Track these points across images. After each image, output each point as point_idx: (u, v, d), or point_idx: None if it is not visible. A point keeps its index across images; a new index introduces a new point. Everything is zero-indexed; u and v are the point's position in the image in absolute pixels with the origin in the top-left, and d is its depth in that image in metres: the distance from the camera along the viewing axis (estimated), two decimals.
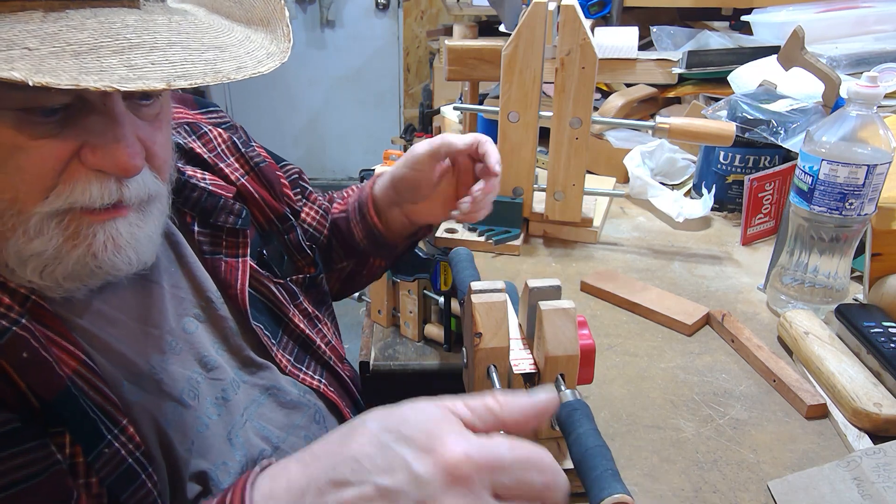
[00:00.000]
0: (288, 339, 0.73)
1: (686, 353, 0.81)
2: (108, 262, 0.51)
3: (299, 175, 0.86)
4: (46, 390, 0.49)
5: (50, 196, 0.48)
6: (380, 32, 4.04)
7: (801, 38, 1.07)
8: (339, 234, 0.88)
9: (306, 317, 0.76)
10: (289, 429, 0.68)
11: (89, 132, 0.48)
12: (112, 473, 0.52)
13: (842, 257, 0.83)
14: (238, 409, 0.64)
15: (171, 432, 0.58)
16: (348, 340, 2.14)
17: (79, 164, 0.48)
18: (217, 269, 0.67)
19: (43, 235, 0.49)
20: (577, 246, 1.07)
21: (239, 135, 0.77)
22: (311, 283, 0.79)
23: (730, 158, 1.12)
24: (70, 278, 0.51)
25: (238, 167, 0.74)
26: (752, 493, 0.60)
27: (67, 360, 0.51)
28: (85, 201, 0.49)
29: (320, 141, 4.32)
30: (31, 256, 0.49)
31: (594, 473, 0.46)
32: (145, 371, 0.58)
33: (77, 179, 0.48)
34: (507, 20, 1.74)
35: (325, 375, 0.75)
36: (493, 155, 0.77)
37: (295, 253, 0.78)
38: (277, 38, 0.54)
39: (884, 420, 0.65)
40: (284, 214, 0.77)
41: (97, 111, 0.48)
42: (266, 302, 0.71)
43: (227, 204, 0.68)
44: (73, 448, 0.50)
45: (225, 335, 0.66)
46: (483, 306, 0.56)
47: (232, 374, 0.65)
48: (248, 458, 0.63)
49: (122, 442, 0.53)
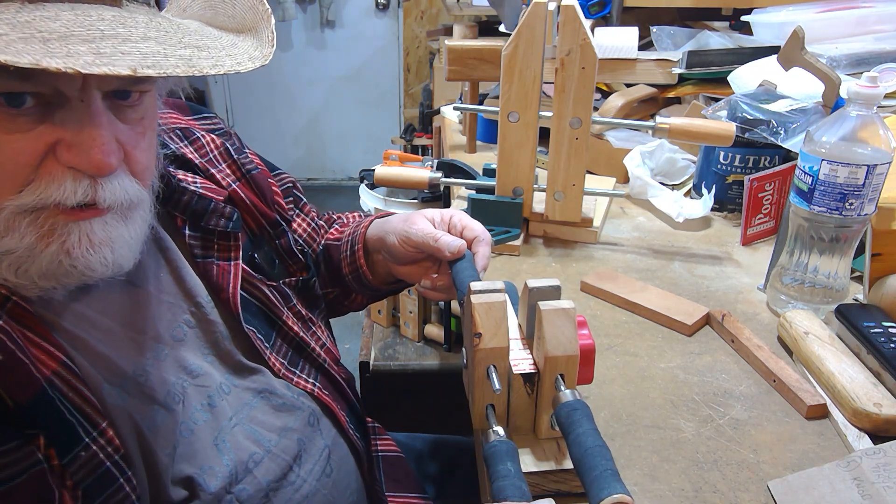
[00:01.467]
0: (282, 343, 0.72)
1: (686, 353, 0.81)
2: (83, 261, 0.50)
3: (293, 185, 0.86)
4: (21, 393, 0.49)
5: (24, 191, 0.47)
6: (380, 32, 4.04)
7: (801, 38, 1.07)
8: (330, 262, 0.88)
9: (300, 319, 0.75)
10: (282, 431, 0.67)
11: (65, 129, 0.47)
12: (89, 476, 0.51)
13: (842, 257, 0.83)
14: (226, 414, 0.64)
15: (152, 437, 0.57)
16: (348, 340, 2.15)
17: (54, 161, 0.48)
18: (209, 273, 0.67)
19: (14, 232, 0.48)
20: (577, 246, 1.07)
21: (232, 141, 0.77)
22: (304, 285, 0.79)
23: (730, 158, 1.12)
24: (45, 277, 0.51)
25: (230, 173, 0.74)
26: (752, 493, 0.60)
27: (47, 360, 0.51)
28: (59, 197, 0.48)
29: (320, 141, 4.32)
30: (3, 253, 0.49)
31: (594, 473, 0.46)
32: (129, 375, 0.58)
33: (52, 175, 0.48)
34: (507, 20, 1.75)
35: (319, 378, 0.75)
36: (482, 261, 0.73)
37: (286, 258, 0.78)
38: (262, 44, 0.54)
39: (884, 420, 0.65)
40: (275, 221, 0.77)
41: (74, 108, 0.47)
42: (259, 305, 0.71)
43: (217, 207, 0.68)
44: (48, 451, 0.50)
45: (215, 340, 0.66)
46: (482, 306, 0.56)
47: (220, 379, 0.65)
48: (237, 463, 0.63)
49: (101, 445, 0.52)
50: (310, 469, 0.68)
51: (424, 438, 1.05)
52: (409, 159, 1.70)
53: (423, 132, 3.39)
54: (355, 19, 4.00)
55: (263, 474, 0.64)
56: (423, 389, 1.58)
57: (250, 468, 0.63)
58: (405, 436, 1.04)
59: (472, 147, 1.52)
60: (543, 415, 0.58)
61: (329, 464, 0.70)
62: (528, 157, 1.02)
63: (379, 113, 4.26)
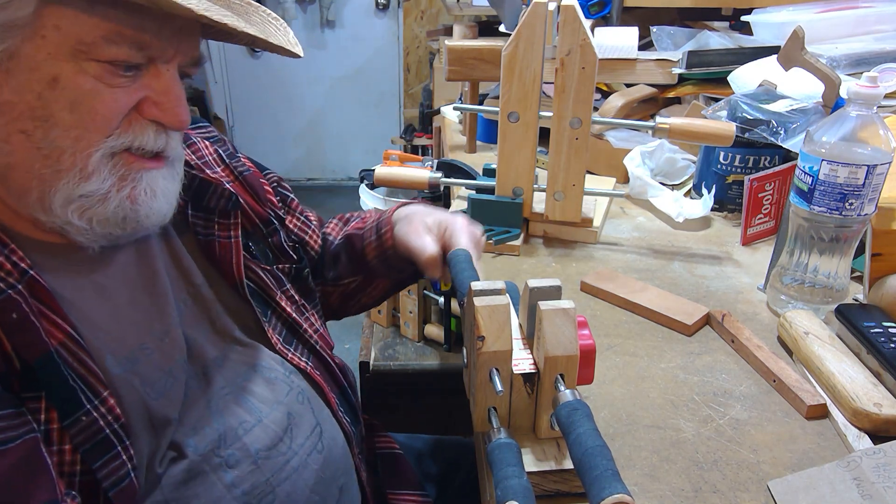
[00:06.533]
0: (276, 321, 0.75)
1: (686, 354, 0.81)
2: (144, 208, 0.58)
3: (278, 182, 0.90)
4: (30, 352, 0.52)
5: (112, 135, 0.55)
6: (380, 32, 4.04)
7: (801, 38, 1.07)
8: (352, 250, 0.91)
9: (293, 303, 0.79)
10: (273, 404, 0.69)
11: (152, 89, 0.57)
12: (87, 442, 0.54)
13: (842, 257, 0.83)
14: (219, 382, 0.67)
15: (154, 407, 0.60)
16: (348, 340, 2.15)
17: (137, 115, 0.57)
18: (211, 249, 0.71)
19: (98, 175, 0.55)
20: (577, 246, 1.07)
21: (225, 147, 0.81)
22: (297, 274, 0.82)
23: (730, 158, 1.12)
24: (103, 223, 0.57)
25: (224, 175, 0.78)
26: (752, 493, 0.60)
27: (55, 332, 0.54)
28: (141, 143, 0.57)
29: (320, 141, 4.32)
30: (79, 197, 0.55)
31: (594, 473, 0.46)
32: (133, 348, 0.61)
33: (137, 125, 0.57)
34: (507, 20, 1.75)
35: (311, 359, 0.77)
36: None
37: (278, 254, 0.81)
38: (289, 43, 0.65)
39: (884, 420, 0.65)
40: (268, 219, 0.80)
41: (161, 75, 0.57)
42: (254, 286, 0.74)
43: (217, 188, 0.72)
44: (49, 413, 0.53)
45: (211, 317, 0.70)
46: (486, 310, 0.56)
47: (216, 353, 0.68)
48: (227, 427, 0.65)
49: (102, 413, 0.55)
50: (301, 443, 0.70)
51: (425, 439, 1.05)
52: (409, 159, 1.70)
53: (423, 132, 3.39)
54: (355, 19, 4.00)
55: (253, 441, 0.66)
56: (423, 389, 1.58)
57: (240, 435, 0.66)
58: (405, 436, 1.04)
59: (472, 147, 1.52)
60: (543, 415, 0.58)
61: (321, 441, 0.72)
62: (528, 157, 1.02)
63: (379, 113, 4.26)
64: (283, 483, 0.67)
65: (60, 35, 0.51)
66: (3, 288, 0.52)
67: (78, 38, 0.51)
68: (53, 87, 0.52)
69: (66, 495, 0.52)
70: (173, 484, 0.61)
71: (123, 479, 0.55)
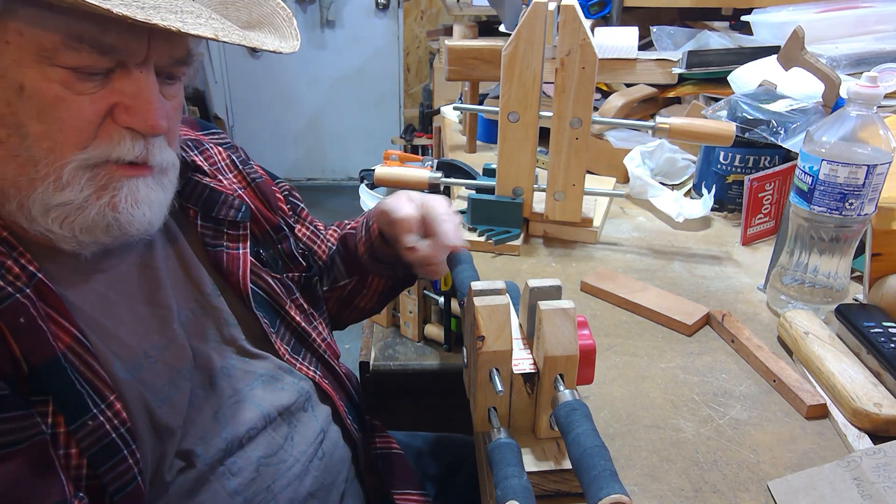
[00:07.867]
0: (285, 331, 0.75)
1: (686, 353, 0.81)
2: (125, 216, 0.56)
3: (290, 191, 0.90)
4: (37, 356, 0.52)
5: (88, 147, 0.54)
6: (380, 32, 4.04)
7: (801, 38, 1.07)
8: (346, 249, 0.91)
9: (302, 311, 0.79)
10: (279, 411, 0.70)
11: (124, 94, 0.54)
12: (94, 446, 0.54)
13: (842, 257, 0.83)
14: (227, 391, 0.67)
15: (161, 413, 0.60)
16: (348, 340, 2.14)
17: (112, 123, 0.55)
18: (219, 260, 0.71)
19: (73, 186, 0.54)
20: (577, 246, 1.07)
21: (238, 154, 0.81)
22: (306, 282, 0.82)
23: (730, 158, 1.12)
24: (86, 231, 0.56)
25: (236, 182, 0.78)
26: (752, 493, 0.60)
27: (62, 336, 0.54)
28: (119, 153, 0.55)
29: (320, 141, 4.32)
30: (56, 206, 0.54)
31: (592, 473, 0.46)
32: (139, 354, 0.61)
33: (112, 135, 0.55)
34: (507, 20, 1.75)
35: (319, 368, 0.77)
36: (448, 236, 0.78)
37: (288, 261, 0.81)
38: (285, 38, 0.62)
39: (884, 420, 0.65)
40: (279, 226, 0.80)
41: (134, 78, 0.54)
42: (264, 294, 0.74)
43: (227, 199, 0.72)
44: (56, 418, 0.53)
45: (219, 326, 0.69)
46: (486, 310, 0.56)
47: (223, 363, 0.68)
48: (234, 437, 0.65)
49: (108, 417, 0.55)
50: (302, 450, 0.70)
51: (425, 437, 1.05)
52: (409, 159, 1.70)
53: (423, 132, 3.39)
54: (355, 19, 4.00)
55: (254, 449, 0.66)
56: (423, 389, 1.58)
57: (244, 443, 0.66)
58: (405, 434, 1.04)
59: (472, 147, 1.52)
60: (543, 415, 0.58)
61: (321, 448, 0.72)
62: (528, 157, 1.02)
63: (379, 113, 4.25)
64: (284, 490, 0.67)
65: (24, 40, 0.50)
66: (12, 292, 0.52)
67: (39, 43, 0.50)
68: (20, 95, 0.51)
69: (74, 497, 0.52)
70: (181, 493, 0.61)
71: (129, 484, 0.55)
